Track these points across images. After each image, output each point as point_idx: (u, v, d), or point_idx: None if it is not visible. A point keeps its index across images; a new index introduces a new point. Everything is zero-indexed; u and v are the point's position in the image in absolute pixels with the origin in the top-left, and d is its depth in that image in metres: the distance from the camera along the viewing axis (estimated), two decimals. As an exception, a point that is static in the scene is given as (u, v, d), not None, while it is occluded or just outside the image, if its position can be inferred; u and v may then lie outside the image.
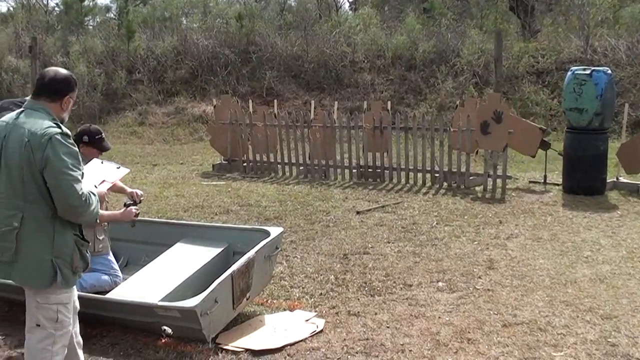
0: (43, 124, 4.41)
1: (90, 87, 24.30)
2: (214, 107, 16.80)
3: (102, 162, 6.22)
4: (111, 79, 25.16)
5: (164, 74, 25.55)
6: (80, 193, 4.39)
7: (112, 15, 33.98)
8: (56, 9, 34.12)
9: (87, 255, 4.71)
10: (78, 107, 7.02)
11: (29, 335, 4.63)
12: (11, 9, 35.34)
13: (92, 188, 4.70)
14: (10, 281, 6.37)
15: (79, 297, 5.30)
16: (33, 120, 4.45)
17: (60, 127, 4.46)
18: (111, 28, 29.57)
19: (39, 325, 4.58)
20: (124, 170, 6.25)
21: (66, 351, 4.74)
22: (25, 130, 4.40)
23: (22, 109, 4.61)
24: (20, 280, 4.55)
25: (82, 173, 4.55)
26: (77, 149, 4.53)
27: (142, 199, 5.56)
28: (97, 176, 5.85)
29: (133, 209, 5.85)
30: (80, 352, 4.98)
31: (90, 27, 32.85)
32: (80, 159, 4.55)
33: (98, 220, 5.27)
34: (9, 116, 4.62)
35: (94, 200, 4.55)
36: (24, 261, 4.44)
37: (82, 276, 6.33)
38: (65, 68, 17.24)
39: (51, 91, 4.57)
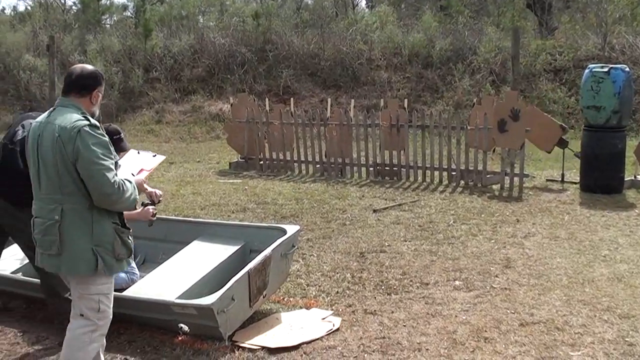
0: (72, 118, 4.55)
1: (108, 86, 24.31)
2: (231, 105, 16.82)
3: (138, 152, 6.28)
4: (128, 77, 25.24)
5: (180, 73, 25.60)
6: (112, 181, 4.51)
7: (129, 13, 34.12)
8: (73, 7, 34.30)
9: (130, 241, 4.84)
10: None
11: (73, 321, 4.78)
12: (29, 7, 35.51)
13: (129, 176, 4.85)
14: (29, 278, 6.44)
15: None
16: (63, 116, 4.59)
17: (88, 119, 4.59)
18: (128, 27, 29.65)
19: (82, 315, 4.74)
20: (160, 158, 6.29)
21: (104, 341, 4.89)
22: (55, 126, 4.55)
23: (53, 107, 4.75)
24: (67, 270, 4.67)
25: (115, 162, 4.67)
26: (107, 138, 4.64)
27: (160, 199, 5.58)
28: (134, 166, 5.92)
29: (151, 208, 5.87)
30: (101, 353, 5.02)
31: (108, 25, 32.96)
32: (112, 148, 4.67)
33: None
34: (42, 116, 4.79)
35: (129, 187, 4.66)
36: (68, 252, 4.57)
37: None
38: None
39: (80, 87, 4.74)
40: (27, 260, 6.21)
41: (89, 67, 4.90)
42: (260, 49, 25.86)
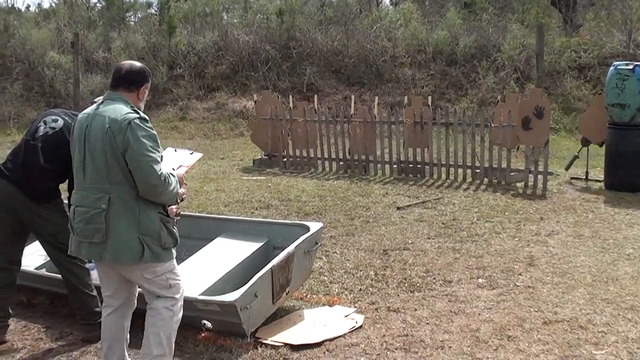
0: (122, 110, 4.69)
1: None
2: (255, 102, 16.87)
3: (175, 150, 6.32)
4: (152, 74, 25.04)
5: (204, 70, 25.63)
6: (159, 173, 4.65)
7: (153, 11, 34.22)
8: (98, 5, 34.40)
9: (175, 231, 4.95)
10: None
11: (152, 304, 4.92)
12: (54, 5, 35.67)
13: (171, 170, 4.94)
14: (53, 274, 6.48)
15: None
16: (112, 108, 4.72)
17: (138, 112, 4.74)
18: (152, 24, 29.70)
19: (159, 297, 4.90)
20: (198, 155, 6.32)
21: (182, 312, 5.08)
22: (105, 118, 4.67)
23: (101, 100, 4.87)
24: (112, 258, 4.73)
25: (162, 155, 4.83)
26: (155, 132, 4.77)
27: (184, 197, 5.60)
28: (173, 162, 5.95)
29: (174, 207, 5.89)
30: (125, 349, 5.07)
31: (132, 22, 33.09)
32: (159, 142, 4.79)
33: None
34: (90, 108, 4.88)
35: (173, 180, 4.81)
36: (114, 240, 4.65)
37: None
38: (107, 63, 17.34)
39: (129, 82, 4.89)
40: (49, 257, 6.25)
41: (138, 63, 5.06)
42: (284, 46, 25.85)
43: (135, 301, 5.15)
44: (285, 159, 15.44)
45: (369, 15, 28.07)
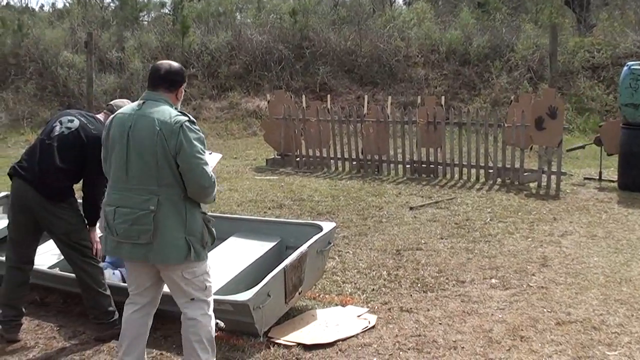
0: (170, 113, 4.74)
1: (145, 82, 24.37)
2: (268, 102, 16.86)
3: None
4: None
5: (218, 69, 25.64)
6: (209, 175, 4.74)
7: (166, 10, 34.19)
8: (111, 4, 34.44)
9: (213, 230, 5.01)
10: (132, 101, 7.17)
11: (187, 310, 4.94)
12: (67, 4, 35.73)
13: None
14: (66, 273, 6.51)
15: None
16: (158, 110, 4.76)
17: (187, 115, 4.79)
18: (166, 23, 29.71)
19: (193, 299, 4.92)
20: (217, 156, 6.34)
21: None
22: (154, 120, 4.70)
23: (142, 100, 4.89)
24: (158, 259, 4.76)
25: None
26: (203, 134, 4.85)
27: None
28: None
29: None
30: (144, 345, 5.11)
31: (145, 22, 33.07)
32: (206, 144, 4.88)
33: None
34: (129, 108, 4.93)
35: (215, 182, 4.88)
36: (162, 241, 4.69)
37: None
38: (120, 63, 17.42)
39: (169, 82, 4.93)
40: (63, 256, 6.27)
41: (175, 63, 5.08)
42: (298, 46, 25.86)
43: (159, 300, 5.18)
44: (298, 159, 15.45)
45: (382, 14, 28.05)
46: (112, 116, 4.97)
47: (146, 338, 5.13)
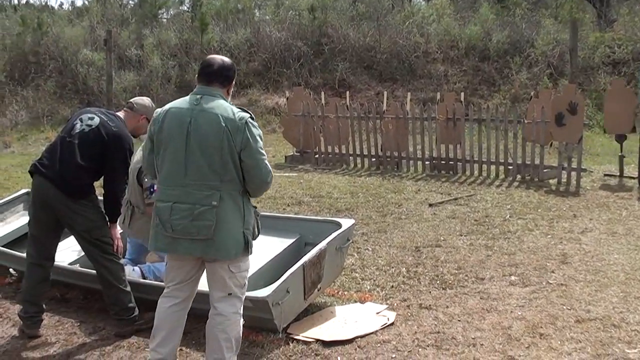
0: (232, 109, 4.78)
1: (164, 80, 24.58)
2: (287, 99, 16.89)
3: None
4: (185, 71, 25.37)
5: (237, 66, 25.59)
6: (270, 170, 4.86)
7: (185, 7, 34.25)
8: (130, 2, 34.52)
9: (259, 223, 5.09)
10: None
11: (219, 306, 4.92)
12: (86, 2, 35.82)
13: None
14: (86, 269, 6.54)
15: (156, 287, 5.44)
16: (220, 106, 4.78)
17: (248, 111, 4.83)
18: (185, 20, 29.77)
19: (230, 294, 4.93)
20: None
21: None
22: (217, 116, 4.71)
23: (197, 94, 4.86)
24: (219, 254, 4.79)
25: None
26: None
27: None
28: None
29: None
30: (179, 339, 5.15)
31: (164, 20, 33.15)
32: None
33: None
34: (184, 102, 4.88)
35: None
36: (223, 236, 4.73)
37: (156, 266, 6.50)
38: (139, 61, 17.42)
39: (223, 78, 4.94)
40: (84, 252, 6.30)
41: (227, 59, 5.08)
42: (316, 43, 25.87)
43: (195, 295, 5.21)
44: (317, 156, 15.46)
45: (402, 10, 28.00)
46: (162, 110, 4.92)
47: (181, 332, 5.15)
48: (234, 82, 5.06)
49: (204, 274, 5.00)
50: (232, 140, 4.65)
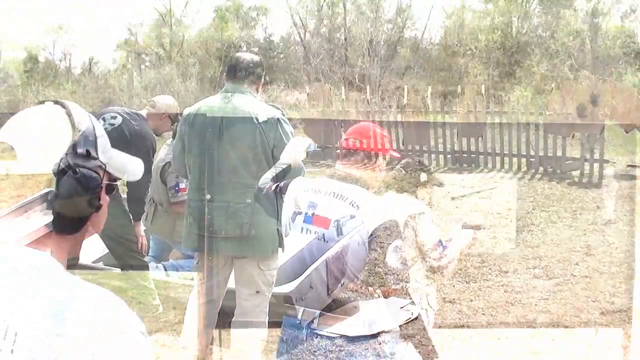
0: (265, 106, 4.77)
1: (185, 76, 24.65)
2: (307, 94, 16.90)
3: None
4: (205, 67, 25.45)
5: (258, 63, 25.70)
6: (303, 166, 4.92)
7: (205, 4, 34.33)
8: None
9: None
10: (172, 96, 7.19)
11: (246, 303, 4.94)
12: (108, 0, 35.98)
13: None
14: (110, 267, 6.57)
15: (180, 285, 5.49)
16: (252, 103, 4.73)
17: (279, 108, 4.85)
18: (204, 17, 29.90)
19: (258, 292, 4.92)
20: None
21: None
22: (249, 113, 4.66)
23: (227, 92, 4.81)
24: (256, 251, 4.79)
25: None
26: None
27: None
28: None
29: None
30: (211, 335, 5.18)
31: (184, 17, 33.27)
32: None
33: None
34: (215, 100, 4.85)
35: None
36: (258, 233, 4.72)
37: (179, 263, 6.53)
38: (160, 58, 17.36)
39: (253, 75, 4.85)
40: (107, 250, 6.32)
41: (256, 56, 5.04)
42: (336, 37, 25.86)
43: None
44: (337, 151, 15.45)
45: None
46: (192, 109, 4.88)
47: (212, 331, 5.17)
48: (262, 81, 5.00)
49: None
50: (265, 138, 4.63)
